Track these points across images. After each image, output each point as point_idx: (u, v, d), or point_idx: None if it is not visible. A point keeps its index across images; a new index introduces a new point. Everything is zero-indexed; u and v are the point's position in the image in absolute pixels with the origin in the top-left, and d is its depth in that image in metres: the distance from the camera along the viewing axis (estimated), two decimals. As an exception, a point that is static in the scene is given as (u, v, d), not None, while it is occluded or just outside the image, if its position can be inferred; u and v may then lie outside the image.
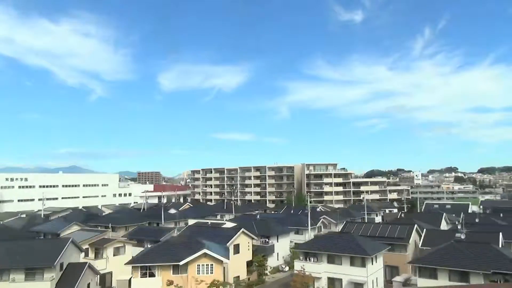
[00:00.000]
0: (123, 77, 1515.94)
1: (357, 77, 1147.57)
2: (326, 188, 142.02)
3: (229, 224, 57.32)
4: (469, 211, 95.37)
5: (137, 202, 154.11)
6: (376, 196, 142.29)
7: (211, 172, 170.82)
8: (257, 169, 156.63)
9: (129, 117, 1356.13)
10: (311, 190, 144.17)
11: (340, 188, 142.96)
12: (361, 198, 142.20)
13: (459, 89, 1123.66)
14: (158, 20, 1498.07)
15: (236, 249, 46.16)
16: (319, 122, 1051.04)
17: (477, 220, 69.26)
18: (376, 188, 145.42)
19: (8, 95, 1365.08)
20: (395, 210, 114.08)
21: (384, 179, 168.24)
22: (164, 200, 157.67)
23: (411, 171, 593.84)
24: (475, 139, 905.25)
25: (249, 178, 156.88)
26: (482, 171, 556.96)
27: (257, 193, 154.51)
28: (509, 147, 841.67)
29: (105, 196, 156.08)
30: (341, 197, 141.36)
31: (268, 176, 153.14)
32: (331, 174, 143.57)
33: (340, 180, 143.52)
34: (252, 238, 49.98)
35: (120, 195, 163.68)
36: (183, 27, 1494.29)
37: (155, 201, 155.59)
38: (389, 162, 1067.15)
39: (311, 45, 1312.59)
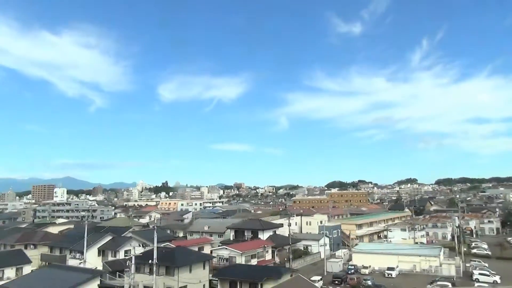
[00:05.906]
0: (123, 88, 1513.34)
1: (355, 88, 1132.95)
2: None
3: None
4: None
5: None
6: None
7: None
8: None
9: (127, 128, 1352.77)
10: None
11: None
12: None
13: (451, 101, 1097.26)
14: (158, 32, 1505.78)
15: None
16: (316, 132, 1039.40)
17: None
18: None
19: (7, 106, 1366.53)
20: None
21: None
22: None
23: (370, 182, 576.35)
24: (469, 150, 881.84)
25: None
26: (438, 182, 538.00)
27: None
28: (483, 159, 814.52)
29: None
30: None
31: None
32: None
33: None
34: None
35: None
36: (183, 38, 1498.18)
37: None
38: (372, 173, 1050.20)
39: (310, 57, 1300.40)
